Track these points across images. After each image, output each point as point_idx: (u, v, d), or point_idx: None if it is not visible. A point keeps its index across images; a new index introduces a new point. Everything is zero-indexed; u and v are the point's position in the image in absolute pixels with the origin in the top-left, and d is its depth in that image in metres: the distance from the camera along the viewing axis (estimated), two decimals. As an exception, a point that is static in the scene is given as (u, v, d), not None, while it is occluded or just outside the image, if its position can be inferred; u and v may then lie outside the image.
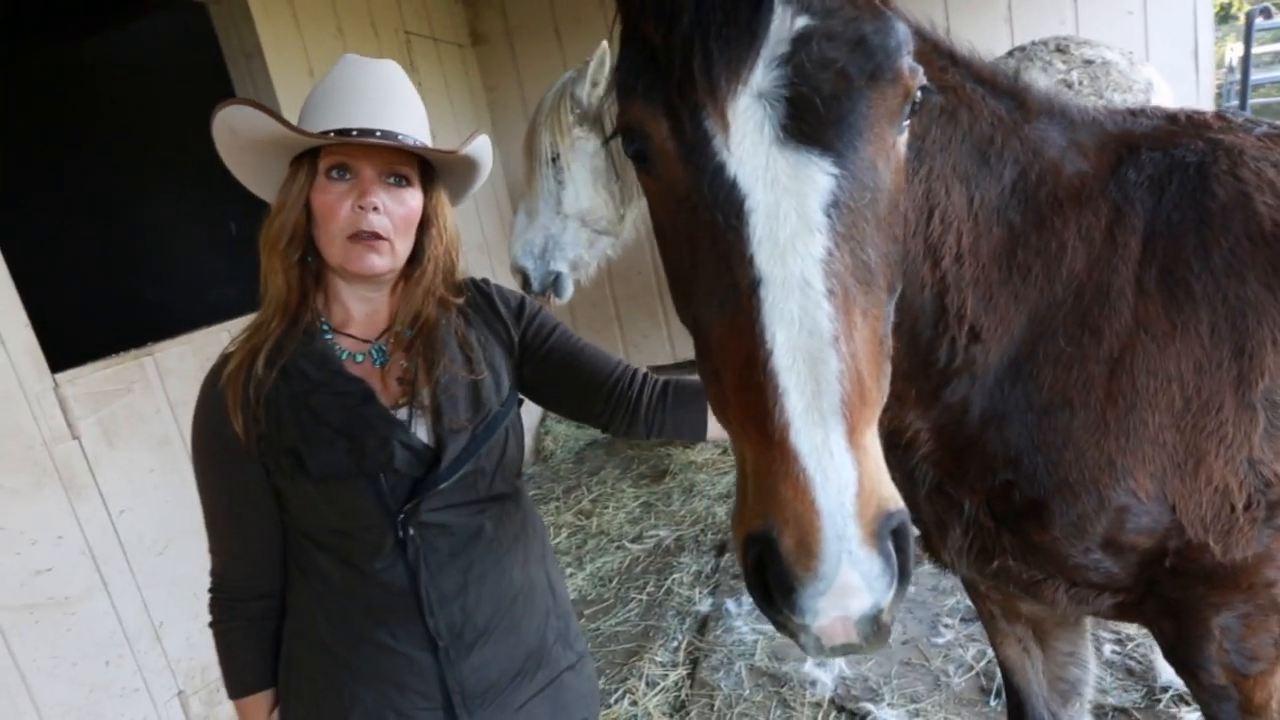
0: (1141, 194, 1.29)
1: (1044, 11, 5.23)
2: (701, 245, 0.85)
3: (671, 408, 1.48)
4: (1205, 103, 5.16)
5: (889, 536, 0.77)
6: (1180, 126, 1.38)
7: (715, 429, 1.46)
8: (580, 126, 3.06)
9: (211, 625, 1.39)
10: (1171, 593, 1.33)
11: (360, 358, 1.37)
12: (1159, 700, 2.43)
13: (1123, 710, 2.43)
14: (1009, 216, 1.27)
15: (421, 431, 1.33)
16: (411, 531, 1.30)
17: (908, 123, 0.92)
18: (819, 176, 0.82)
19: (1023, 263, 1.27)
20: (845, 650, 0.80)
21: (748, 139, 0.82)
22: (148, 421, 2.84)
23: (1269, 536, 1.27)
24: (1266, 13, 5.02)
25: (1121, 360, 1.24)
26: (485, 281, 1.52)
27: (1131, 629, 2.75)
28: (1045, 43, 3.62)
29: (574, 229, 3.16)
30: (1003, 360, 1.28)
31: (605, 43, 3.10)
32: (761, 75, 0.82)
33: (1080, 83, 3.48)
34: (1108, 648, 2.67)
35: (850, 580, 0.74)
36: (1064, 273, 1.27)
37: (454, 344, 1.38)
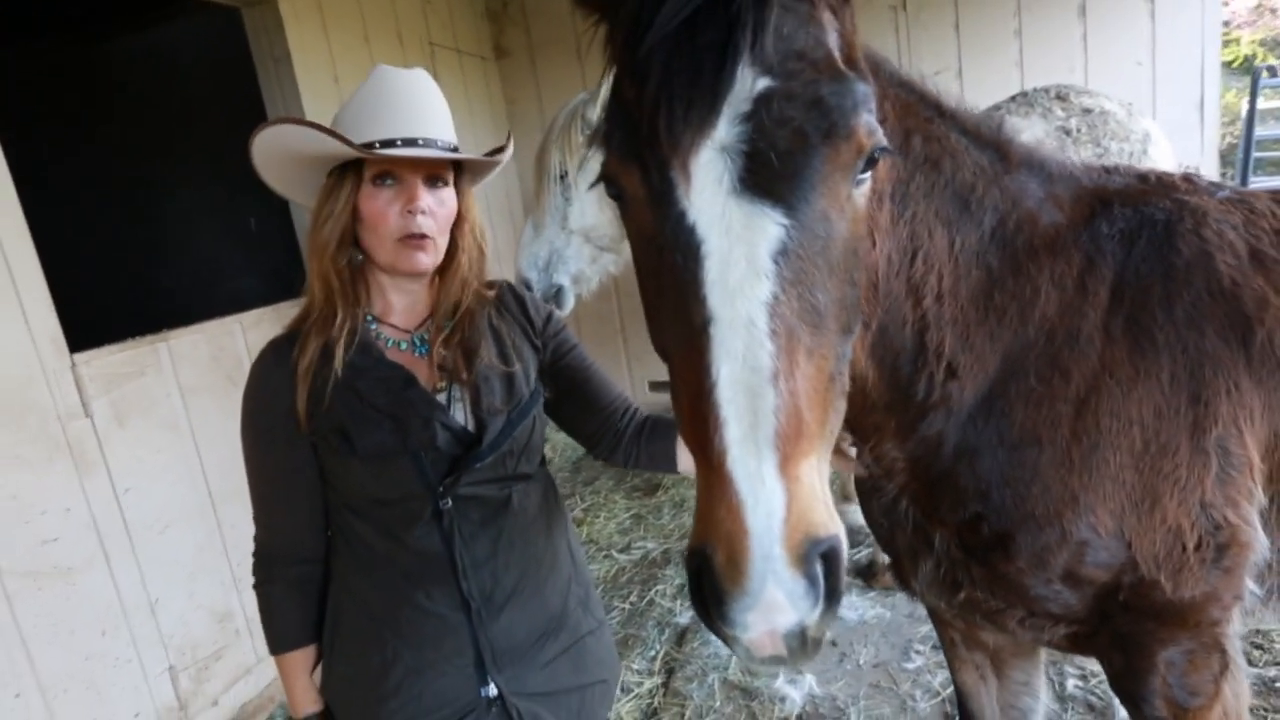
0: (1113, 246, 1.37)
1: (1054, 59, 5.33)
2: (666, 283, 0.93)
3: (646, 440, 1.58)
4: (1210, 154, 5.24)
5: (816, 560, 0.82)
6: (1150, 185, 1.46)
7: (685, 462, 1.55)
8: (590, 147, 3.17)
9: (255, 586, 1.50)
10: (1123, 626, 1.39)
11: (404, 345, 1.47)
12: (1115, 735, 2.49)
13: (1079, 743, 2.50)
14: (987, 260, 1.33)
15: (459, 414, 1.44)
16: (449, 503, 1.42)
17: (865, 176, 0.98)
18: (769, 226, 0.88)
19: (999, 305, 1.33)
20: (775, 661, 0.86)
21: (707, 190, 0.88)
22: (158, 405, 2.96)
23: (1216, 577, 1.32)
24: (1272, 70, 5.11)
25: (1087, 401, 1.31)
26: (520, 286, 1.66)
27: (1096, 665, 2.81)
28: (1046, 90, 3.72)
29: (577, 244, 3.28)
30: (977, 397, 1.34)
31: (618, 68, 3.23)
32: (725, 131, 0.88)
33: (1078, 130, 3.58)
34: (1071, 682, 2.74)
35: (775, 598, 0.80)
36: (1037, 316, 1.34)
37: (490, 335, 1.49)
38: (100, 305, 4.35)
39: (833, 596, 0.84)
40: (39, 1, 4.77)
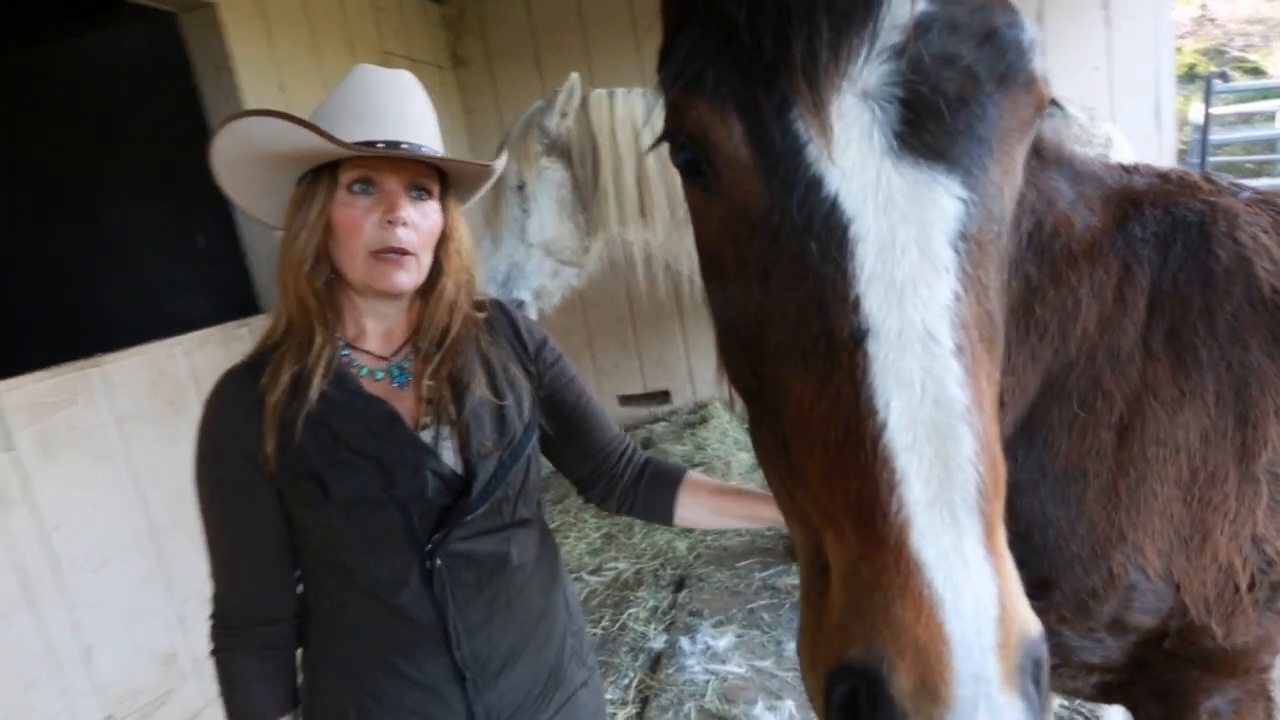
0: (1148, 252, 1.23)
1: (1014, 63, 5.37)
2: (782, 282, 0.69)
3: (645, 488, 1.45)
4: (1167, 159, 5.32)
5: (1030, 670, 0.60)
6: (1174, 185, 1.32)
7: (681, 515, 1.44)
8: (547, 156, 3.07)
9: (212, 653, 1.30)
10: (1164, 675, 1.26)
11: (379, 375, 1.31)
12: (1102, 753, 2.42)
13: (1066, 762, 2.43)
14: (1025, 269, 1.18)
15: (448, 456, 1.27)
16: (439, 563, 1.25)
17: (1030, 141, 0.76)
18: (945, 200, 0.66)
19: (1040, 319, 1.19)
20: None
21: (853, 147, 0.66)
22: (90, 436, 2.76)
23: (1269, 620, 1.21)
24: (1224, 76, 5.20)
25: (1131, 427, 1.17)
26: (510, 304, 1.50)
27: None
28: (1010, 95, 3.71)
29: (538, 258, 3.16)
30: (1015, 427, 1.19)
31: (575, 74, 3.13)
32: (870, 70, 0.66)
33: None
34: (1057, 701, 2.67)
35: None
36: (1078, 332, 1.19)
37: (479, 365, 1.33)
38: (32, 329, 4.11)
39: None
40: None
